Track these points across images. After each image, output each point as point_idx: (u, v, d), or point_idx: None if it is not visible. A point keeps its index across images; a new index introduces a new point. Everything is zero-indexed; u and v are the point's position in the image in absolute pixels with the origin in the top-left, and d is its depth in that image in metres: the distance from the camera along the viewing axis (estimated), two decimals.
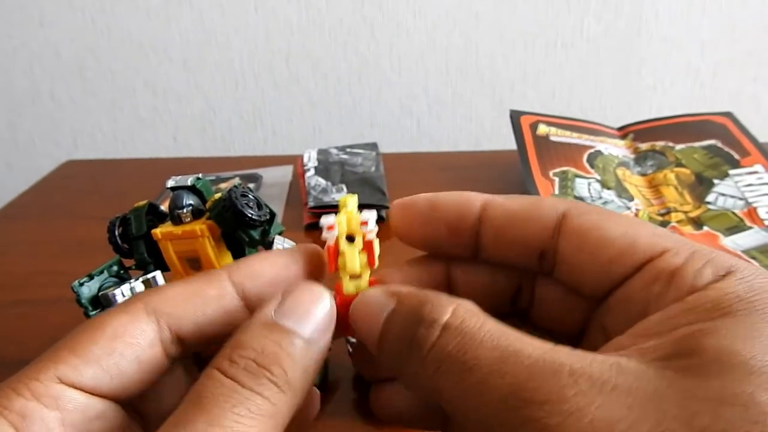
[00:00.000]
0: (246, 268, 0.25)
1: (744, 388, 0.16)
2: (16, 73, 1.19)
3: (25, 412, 0.20)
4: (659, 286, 0.21)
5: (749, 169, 0.70)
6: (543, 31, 1.15)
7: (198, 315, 0.24)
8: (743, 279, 0.20)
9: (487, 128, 1.23)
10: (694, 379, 0.17)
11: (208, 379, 0.21)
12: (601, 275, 0.22)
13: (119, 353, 0.22)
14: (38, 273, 0.63)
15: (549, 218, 0.23)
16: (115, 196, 0.81)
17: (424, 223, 0.25)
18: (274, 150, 1.24)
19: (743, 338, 0.18)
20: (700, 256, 0.21)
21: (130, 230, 0.39)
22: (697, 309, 0.19)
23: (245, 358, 0.21)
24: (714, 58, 1.17)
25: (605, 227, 0.22)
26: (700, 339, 0.18)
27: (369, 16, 1.14)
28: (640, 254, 0.22)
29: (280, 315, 0.23)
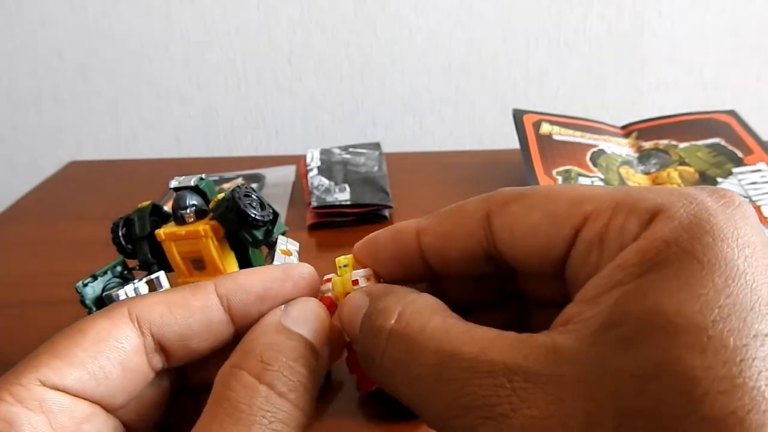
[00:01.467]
0: (233, 280, 0.25)
1: (670, 353, 0.16)
2: (18, 74, 1.19)
3: (10, 417, 0.20)
4: (594, 255, 0.20)
5: (753, 167, 0.70)
6: (546, 29, 1.15)
7: (181, 324, 0.23)
8: (671, 218, 0.18)
9: (490, 127, 1.23)
10: (624, 352, 0.16)
11: (238, 383, 0.21)
12: (543, 260, 0.22)
13: (104, 356, 0.22)
14: (41, 274, 0.64)
15: (475, 225, 0.23)
16: (119, 197, 0.81)
17: (376, 262, 0.25)
18: (276, 149, 1.24)
19: (669, 292, 0.17)
20: (621, 208, 0.20)
21: (133, 231, 0.39)
22: (626, 264, 0.18)
23: (279, 362, 0.21)
24: (717, 56, 1.17)
25: (526, 215, 0.22)
26: (628, 304, 0.17)
27: (371, 15, 1.14)
28: (565, 228, 0.21)
29: (290, 321, 0.23)
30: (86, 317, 0.23)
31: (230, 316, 0.24)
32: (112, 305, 0.24)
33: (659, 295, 0.17)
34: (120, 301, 0.24)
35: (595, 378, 0.16)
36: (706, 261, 0.17)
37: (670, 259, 0.17)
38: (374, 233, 0.25)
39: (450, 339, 0.19)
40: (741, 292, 0.16)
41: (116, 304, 0.24)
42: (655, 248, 0.18)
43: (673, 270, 0.17)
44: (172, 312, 0.23)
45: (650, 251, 0.18)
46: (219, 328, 0.24)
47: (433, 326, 0.20)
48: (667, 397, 0.15)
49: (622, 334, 0.17)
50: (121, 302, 0.24)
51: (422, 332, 0.20)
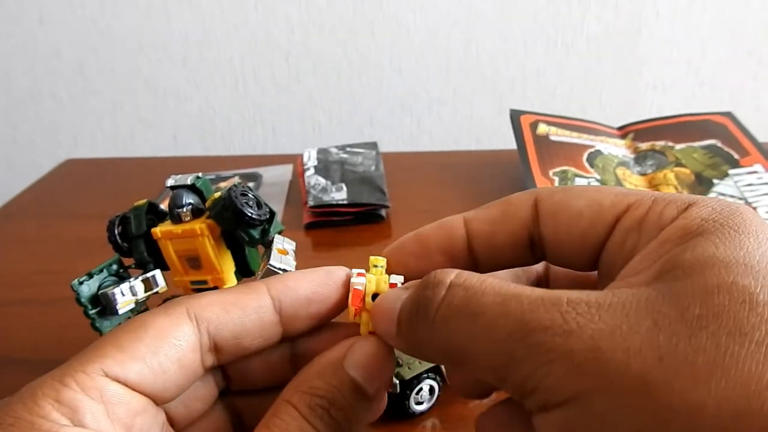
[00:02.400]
0: (284, 282, 0.26)
1: (725, 278, 0.18)
2: (16, 72, 1.19)
3: (74, 404, 0.20)
4: (632, 239, 0.22)
5: (749, 168, 0.70)
6: (543, 30, 1.15)
7: (236, 323, 0.24)
8: (704, 206, 0.21)
9: (488, 127, 1.23)
10: (681, 282, 0.18)
11: (288, 417, 0.22)
12: (582, 246, 0.23)
13: (164, 353, 0.23)
14: (38, 272, 0.63)
15: (524, 210, 0.24)
16: (115, 195, 0.81)
17: (419, 260, 0.26)
18: (273, 148, 1.24)
19: (716, 246, 0.19)
20: (661, 200, 0.22)
21: (129, 229, 0.39)
22: (670, 239, 0.20)
23: (322, 408, 0.23)
24: (714, 57, 1.17)
25: (572, 202, 0.24)
26: (678, 257, 0.19)
27: (369, 14, 1.14)
28: (608, 216, 0.23)
29: (350, 364, 0.24)
30: (146, 313, 0.24)
31: (281, 316, 0.25)
32: (170, 303, 0.25)
33: (706, 248, 0.19)
34: (178, 299, 0.25)
35: (657, 299, 0.18)
36: (741, 229, 0.20)
37: (710, 230, 0.20)
38: (414, 231, 0.26)
39: (509, 287, 0.20)
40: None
41: (174, 302, 0.24)
42: (696, 224, 0.20)
43: (714, 235, 0.20)
44: (228, 312, 0.24)
45: (691, 226, 0.20)
46: (270, 328, 0.25)
47: (491, 280, 0.21)
48: (731, 305, 0.17)
49: (678, 274, 0.19)
50: (178, 300, 0.24)
51: (482, 283, 0.21)
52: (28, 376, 0.24)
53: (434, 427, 0.42)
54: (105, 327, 0.37)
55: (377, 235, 0.66)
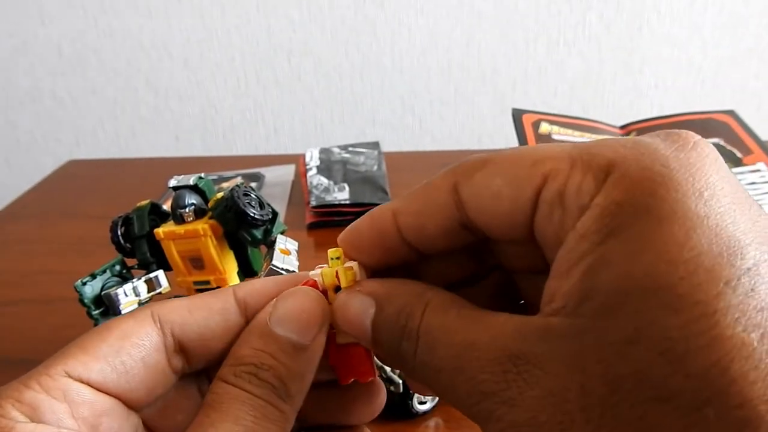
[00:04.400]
0: (251, 286, 0.26)
1: (645, 317, 0.16)
2: (17, 72, 1.19)
3: (35, 403, 0.21)
4: (557, 213, 0.20)
5: (752, 167, 0.70)
6: (545, 29, 1.15)
7: (201, 325, 0.25)
8: (623, 175, 0.18)
9: (489, 126, 1.23)
10: (600, 323, 0.17)
11: (219, 388, 0.23)
12: (511, 226, 0.22)
13: (126, 352, 0.23)
14: (40, 272, 0.63)
15: (445, 198, 0.23)
16: (118, 196, 0.81)
17: (359, 251, 0.25)
18: (276, 147, 1.24)
19: (633, 257, 0.17)
20: (577, 166, 0.19)
21: (132, 230, 0.39)
22: (588, 233, 0.18)
23: (248, 374, 0.23)
24: (716, 55, 1.17)
25: (489, 182, 0.22)
26: (595, 276, 0.17)
27: (371, 14, 1.14)
28: (527, 191, 0.21)
29: (275, 322, 0.24)
30: (115, 318, 0.25)
31: (247, 319, 0.25)
32: (137, 308, 0.26)
33: (623, 261, 0.17)
34: (145, 305, 0.26)
35: (581, 350, 0.17)
36: (663, 216, 0.17)
37: (628, 222, 0.17)
38: (354, 222, 0.25)
39: (465, 330, 0.20)
40: (705, 241, 0.16)
41: (141, 307, 0.25)
42: (611, 213, 0.18)
43: (632, 233, 0.17)
44: (192, 313, 0.25)
45: (606, 216, 0.18)
46: (236, 330, 0.25)
47: (450, 319, 0.21)
48: (650, 360, 0.16)
49: (597, 306, 0.17)
50: (146, 305, 0.25)
51: (441, 326, 0.21)
52: None
53: (437, 426, 0.42)
54: None
55: None
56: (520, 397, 0.18)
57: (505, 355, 0.19)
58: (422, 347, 0.21)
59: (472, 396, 0.19)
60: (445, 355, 0.20)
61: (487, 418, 0.19)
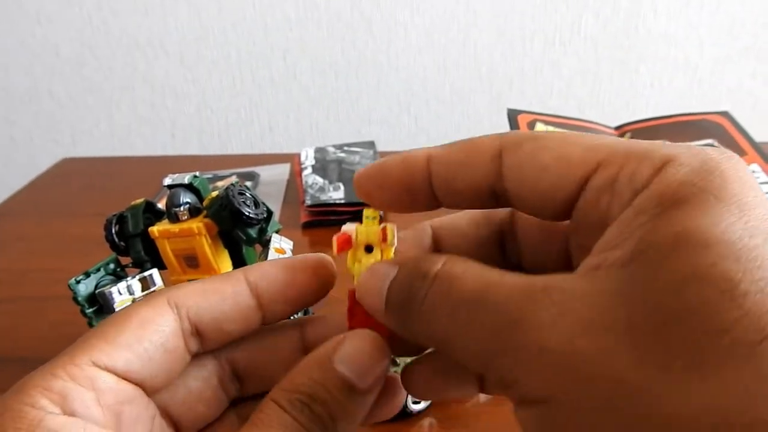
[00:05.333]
0: (261, 269, 0.26)
1: (706, 260, 0.17)
2: (14, 71, 1.19)
3: (64, 392, 0.21)
4: (605, 199, 0.20)
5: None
6: (541, 28, 1.15)
7: (215, 309, 0.25)
8: (682, 164, 0.19)
9: (485, 125, 1.23)
10: (655, 266, 0.17)
11: (270, 409, 0.23)
12: (551, 201, 0.22)
13: (147, 340, 0.24)
14: (35, 270, 0.63)
15: (487, 158, 0.23)
16: (113, 194, 0.81)
17: (381, 189, 0.25)
18: (270, 146, 1.24)
19: (693, 219, 0.18)
20: (633, 157, 0.20)
21: (127, 228, 0.39)
22: (646, 207, 0.19)
23: (302, 403, 0.23)
24: (712, 55, 1.17)
25: (537, 156, 0.22)
26: (653, 234, 0.18)
27: (367, 12, 1.14)
28: (576, 174, 0.21)
29: (339, 359, 0.24)
30: (129, 306, 0.25)
31: (259, 302, 0.26)
32: (152, 294, 0.26)
33: (683, 220, 0.18)
34: (159, 290, 0.26)
35: (632, 289, 0.17)
36: (722, 196, 0.18)
37: (688, 197, 0.18)
38: (381, 159, 0.25)
39: (489, 275, 0.20)
40: (756, 221, 0.18)
41: (156, 293, 0.26)
42: (672, 189, 0.19)
43: (692, 204, 0.18)
44: (207, 298, 0.25)
45: (667, 192, 0.19)
46: (248, 312, 0.26)
47: (474, 269, 0.21)
48: (709, 297, 0.16)
49: (654, 255, 0.18)
50: (160, 291, 0.25)
51: (465, 272, 0.21)
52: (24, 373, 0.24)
53: (431, 426, 0.42)
54: None
55: None
56: (553, 324, 0.18)
57: (538, 287, 0.19)
58: (438, 285, 0.21)
59: (494, 327, 0.19)
60: (466, 289, 0.20)
61: (507, 349, 0.18)
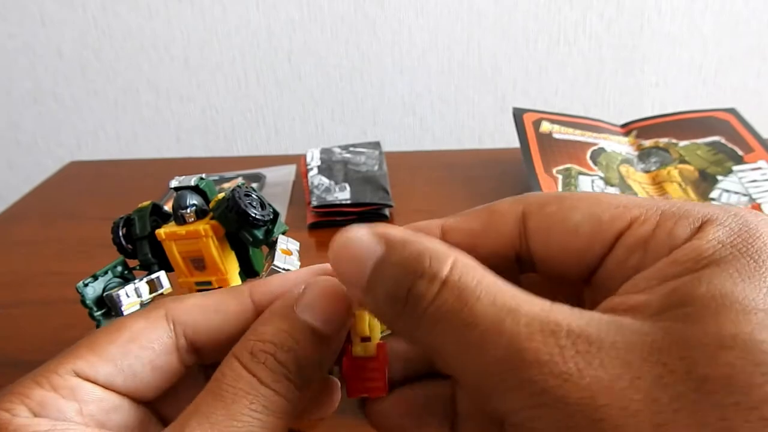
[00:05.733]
0: (266, 285, 0.26)
1: (741, 329, 0.16)
2: (18, 73, 1.19)
3: (43, 401, 0.21)
4: (636, 257, 0.20)
5: (753, 165, 0.70)
6: (545, 27, 1.15)
7: (215, 329, 0.25)
8: (722, 225, 0.19)
9: (490, 125, 1.23)
10: (690, 326, 0.17)
11: (229, 369, 0.22)
12: (578, 263, 0.22)
13: (134, 355, 0.23)
14: (42, 273, 0.63)
15: (510, 225, 0.23)
16: (119, 197, 0.81)
17: None
18: (276, 148, 1.24)
19: (733, 281, 0.17)
20: (670, 215, 0.20)
21: (134, 231, 0.39)
22: (682, 261, 0.19)
23: (265, 353, 0.22)
24: (717, 53, 1.16)
25: (566, 217, 0.22)
26: (691, 288, 0.18)
27: (371, 13, 1.14)
28: (608, 232, 0.21)
29: (302, 308, 0.23)
30: (128, 316, 0.25)
31: None
32: (153, 306, 0.25)
33: (723, 281, 0.17)
34: (159, 302, 0.25)
35: (663, 346, 0.17)
36: (761, 261, 0.18)
37: (727, 258, 0.18)
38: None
39: (506, 295, 0.19)
40: None
41: (155, 304, 0.25)
42: (712, 248, 0.18)
43: (731, 266, 0.18)
44: (208, 317, 0.25)
45: (707, 250, 0.18)
46: None
47: (488, 281, 0.19)
48: (743, 367, 0.16)
49: (689, 312, 0.17)
50: (160, 303, 0.25)
51: (478, 285, 0.19)
52: None
53: None
54: None
55: None
56: (579, 374, 0.17)
57: (563, 330, 0.17)
58: (448, 295, 0.19)
59: (510, 361, 0.17)
60: (479, 311, 0.18)
61: (520, 388, 0.17)
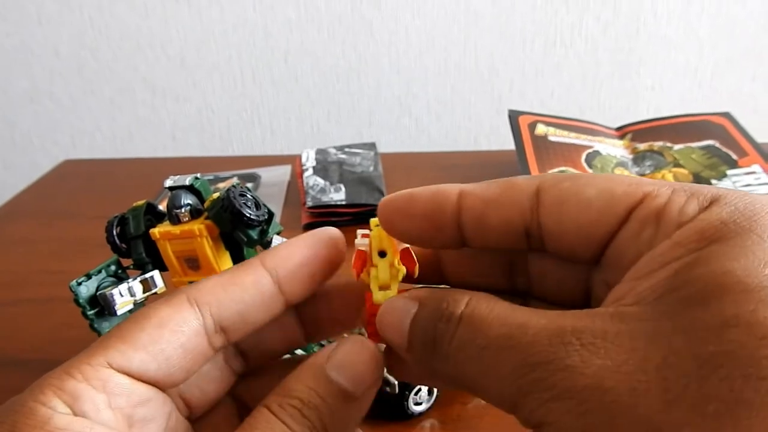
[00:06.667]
0: (276, 253, 0.26)
1: (744, 307, 0.16)
2: (14, 72, 1.19)
3: (76, 393, 0.21)
4: (648, 232, 0.20)
5: (747, 169, 0.70)
6: (542, 30, 1.15)
7: (237, 301, 0.25)
8: (728, 203, 0.19)
9: (486, 127, 1.23)
10: (694, 308, 0.17)
11: (260, 414, 0.22)
12: (589, 238, 0.22)
13: (165, 340, 0.23)
14: (36, 272, 0.63)
15: (525, 196, 0.23)
16: (114, 196, 0.81)
17: (406, 218, 0.25)
18: (272, 148, 1.24)
19: (735, 259, 0.17)
20: (681, 192, 0.20)
21: (128, 230, 0.39)
22: (685, 241, 0.19)
23: (293, 407, 0.22)
24: (712, 57, 1.17)
25: (580, 191, 0.22)
26: (692, 269, 0.18)
27: (368, 14, 1.14)
28: (621, 206, 0.21)
29: (331, 366, 0.24)
30: (150, 305, 0.25)
31: (280, 287, 0.26)
32: (172, 293, 0.25)
33: (724, 260, 0.17)
34: (178, 289, 0.25)
35: (668, 330, 0.17)
36: (765, 235, 0.18)
37: (730, 235, 0.18)
38: (410, 189, 0.25)
39: (515, 315, 0.20)
40: None
41: (175, 291, 0.25)
42: (714, 227, 0.18)
43: (734, 242, 0.18)
44: (227, 292, 0.25)
45: (709, 229, 0.18)
46: (271, 300, 0.25)
47: (499, 309, 0.21)
48: (748, 342, 0.16)
49: (689, 294, 0.17)
50: (179, 289, 0.25)
51: (490, 313, 0.20)
52: (26, 375, 0.24)
53: (433, 427, 0.42)
54: (104, 328, 0.37)
55: None
56: (583, 364, 0.17)
57: (568, 330, 0.18)
58: (464, 328, 0.21)
59: (521, 368, 0.18)
60: (492, 334, 0.20)
61: (535, 389, 0.18)
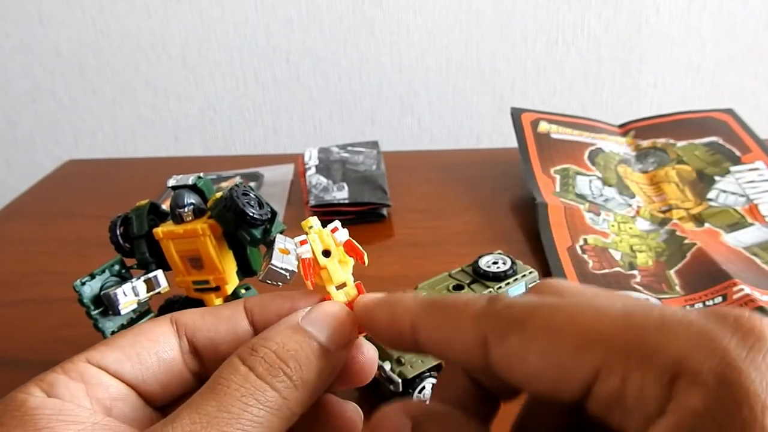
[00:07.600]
0: (259, 298, 0.28)
1: None
2: (16, 72, 1.19)
3: (53, 382, 0.23)
4: (618, 416, 0.18)
5: (750, 165, 0.70)
6: (544, 28, 1.15)
7: (210, 329, 0.27)
8: (696, 383, 0.16)
9: (488, 126, 1.23)
10: None
11: (227, 365, 0.23)
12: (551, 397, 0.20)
13: (141, 345, 0.25)
14: (39, 272, 0.63)
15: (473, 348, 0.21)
16: (117, 196, 0.81)
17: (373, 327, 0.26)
18: (274, 148, 1.24)
19: None
20: (634, 361, 0.17)
21: (131, 229, 0.39)
22: None
23: (266, 348, 0.23)
24: (714, 54, 1.17)
25: (524, 357, 0.20)
26: None
27: (369, 13, 1.14)
28: (573, 383, 0.19)
29: (306, 321, 0.25)
30: (140, 322, 0.28)
31: (254, 328, 0.27)
32: None
33: None
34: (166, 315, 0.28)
35: None
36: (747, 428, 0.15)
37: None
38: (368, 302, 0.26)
39: None
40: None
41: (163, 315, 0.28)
42: (688, 425, 0.16)
43: None
44: (204, 318, 0.27)
45: (684, 428, 0.16)
46: (244, 336, 0.27)
47: None
48: None
49: None
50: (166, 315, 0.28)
51: None
52: (26, 375, 0.24)
53: None
54: (107, 327, 0.37)
55: (378, 234, 0.66)
56: None
57: None
58: None
59: None
60: None
61: None
